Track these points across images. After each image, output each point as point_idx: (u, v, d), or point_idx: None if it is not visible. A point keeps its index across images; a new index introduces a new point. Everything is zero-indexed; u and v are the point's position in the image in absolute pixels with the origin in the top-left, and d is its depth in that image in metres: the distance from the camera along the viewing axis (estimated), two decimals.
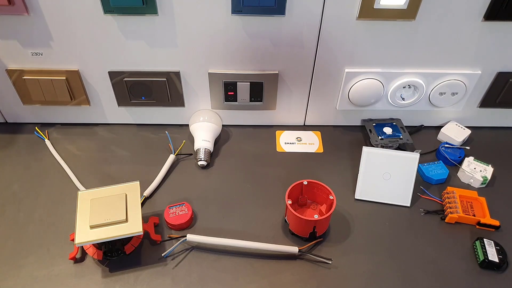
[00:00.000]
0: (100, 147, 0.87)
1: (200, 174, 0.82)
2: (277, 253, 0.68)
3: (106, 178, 0.81)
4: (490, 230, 0.73)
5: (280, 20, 0.74)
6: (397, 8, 0.71)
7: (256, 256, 0.68)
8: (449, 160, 0.84)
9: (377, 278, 0.66)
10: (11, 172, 0.81)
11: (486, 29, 0.76)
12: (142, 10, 0.71)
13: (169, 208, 0.73)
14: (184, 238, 0.68)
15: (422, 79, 0.83)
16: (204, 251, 0.69)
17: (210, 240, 0.69)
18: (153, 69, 0.81)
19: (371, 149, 0.79)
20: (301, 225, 0.68)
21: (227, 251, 0.69)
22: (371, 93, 0.84)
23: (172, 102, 0.87)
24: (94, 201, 0.65)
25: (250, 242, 0.68)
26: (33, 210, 0.75)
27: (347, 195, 0.79)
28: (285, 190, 0.70)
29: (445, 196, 0.77)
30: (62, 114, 0.90)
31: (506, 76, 0.83)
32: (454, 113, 0.91)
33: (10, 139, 0.88)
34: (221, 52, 0.79)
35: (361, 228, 0.73)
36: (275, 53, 0.79)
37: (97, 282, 0.65)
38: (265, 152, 0.87)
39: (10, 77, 0.82)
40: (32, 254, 0.68)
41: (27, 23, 0.74)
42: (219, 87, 0.84)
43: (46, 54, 0.78)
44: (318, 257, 0.67)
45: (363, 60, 0.80)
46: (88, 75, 0.82)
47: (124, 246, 0.67)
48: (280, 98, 0.88)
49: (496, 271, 0.67)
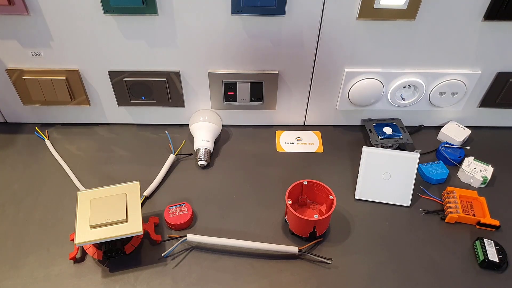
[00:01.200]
0: (100, 147, 0.87)
1: (200, 174, 0.82)
2: (277, 253, 0.68)
3: (106, 178, 0.81)
4: (490, 230, 0.73)
5: (280, 20, 0.74)
6: (397, 8, 0.71)
7: (256, 256, 0.68)
8: (449, 160, 0.84)
9: (377, 278, 0.66)
10: (11, 172, 0.81)
11: (486, 29, 0.76)
12: (142, 10, 0.71)
13: (169, 208, 0.73)
14: (184, 238, 0.68)
15: (422, 79, 0.83)
16: (204, 251, 0.69)
17: (210, 240, 0.69)
18: (153, 69, 0.81)
19: (371, 149, 0.78)
20: (301, 225, 0.68)
21: (227, 251, 0.69)
22: (371, 93, 0.84)
23: (172, 102, 0.87)
24: (94, 201, 0.65)
25: (250, 242, 0.68)
26: (33, 210, 0.75)
27: (347, 195, 0.79)
28: (285, 190, 0.70)
29: (445, 196, 0.77)
30: (62, 114, 0.90)
31: (506, 76, 0.83)
32: (454, 113, 0.91)
33: (10, 139, 0.88)
34: (221, 52, 0.79)
35: (361, 228, 0.73)
36: (275, 53, 0.79)
37: (97, 282, 0.65)
38: (265, 152, 0.87)
39: (10, 77, 0.82)
40: (32, 254, 0.68)
41: (27, 23, 0.73)
42: (219, 87, 0.84)
43: (46, 54, 0.78)
44: (318, 257, 0.67)
45: (363, 60, 0.80)
46: (88, 75, 0.82)
47: (124, 246, 0.67)
48: (280, 98, 0.88)
49: (496, 271, 0.67)
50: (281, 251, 0.68)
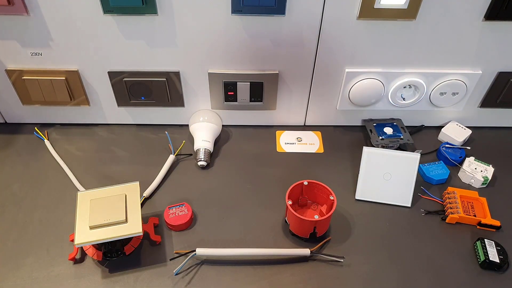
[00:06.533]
0: (100, 148, 0.87)
1: (200, 175, 0.82)
2: (288, 257, 0.68)
3: (106, 178, 0.81)
4: (491, 230, 0.73)
5: (280, 20, 0.74)
6: (398, 8, 0.71)
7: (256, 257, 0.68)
8: (449, 160, 0.84)
9: (378, 279, 0.66)
10: (11, 172, 0.81)
11: (486, 29, 0.75)
12: (141, 10, 0.71)
13: (169, 208, 0.73)
14: (194, 253, 0.66)
15: (422, 79, 0.82)
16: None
17: (221, 252, 0.67)
18: (153, 69, 0.81)
19: (371, 149, 0.78)
20: (301, 225, 0.68)
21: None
22: (372, 93, 0.84)
23: (172, 102, 0.87)
24: (94, 202, 0.65)
25: (262, 249, 0.67)
26: (33, 210, 0.74)
27: (348, 195, 0.79)
28: (285, 190, 0.70)
29: (446, 197, 0.77)
30: (62, 115, 0.90)
31: (506, 76, 0.83)
32: (455, 113, 0.91)
33: (10, 140, 0.88)
34: (221, 52, 0.79)
35: (361, 228, 0.73)
36: (275, 53, 0.79)
37: (97, 282, 0.64)
38: (265, 152, 0.87)
39: (10, 77, 0.82)
40: (31, 255, 0.68)
41: (27, 23, 0.73)
42: (219, 87, 0.84)
43: (45, 54, 0.78)
44: (330, 257, 0.67)
45: (363, 60, 0.80)
46: (87, 75, 0.82)
47: (124, 247, 0.67)
48: (280, 98, 0.87)
49: (497, 271, 0.67)
50: (293, 254, 0.68)
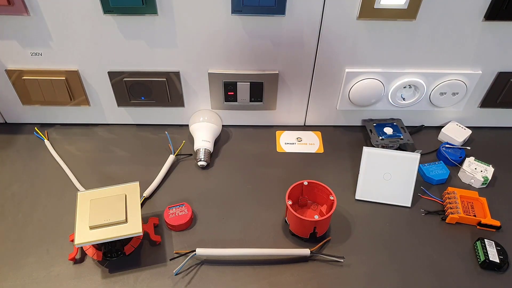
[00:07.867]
0: (100, 148, 0.87)
1: (200, 175, 0.82)
2: (288, 257, 0.68)
3: (106, 178, 0.81)
4: (491, 230, 0.73)
5: (280, 20, 0.74)
6: (398, 8, 0.71)
7: (256, 257, 0.68)
8: (449, 160, 0.84)
9: (377, 279, 0.66)
10: (11, 172, 0.81)
11: (486, 29, 0.75)
12: (141, 10, 0.71)
13: (168, 208, 0.73)
14: (194, 253, 0.66)
15: (422, 79, 0.82)
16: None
17: (220, 252, 0.67)
18: (153, 69, 0.81)
19: (371, 149, 0.78)
20: (301, 225, 0.68)
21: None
22: (372, 93, 0.84)
23: (172, 102, 0.87)
24: (94, 202, 0.65)
25: (262, 249, 0.67)
26: (33, 210, 0.74)
27: (348, 195, 0.79)
28: (285, 190, 0.70)
29: (446, 197, 0.77)
30: (62, 115, 0.90)
31: (506, 76, 0.83)
32: (455, 113, 0.91)
33: (10, 140, 0.88)
34: (221, 52, 0.79)
35: (361, 228, 0.73)
36: (275, 53, 0.79)
37: (97, 283, 0.64)
38: (265, 152, 0.87)
39: (10, 77, 0.82)
40: (31, 255, 0.68)
41: (27, 23, 0.73)
42: (219, 87, 0.84)
43: (45, 54, 0.78)
44: (330, 257, 0.67)
45: (363, 60, 0.80)
46: (87, 75, 0.82)
47: (123, 247, 0.67)
48: (280, 98, 0.87)
49: (497, 271, 0.67)
50: (293, 254, 0.68)
